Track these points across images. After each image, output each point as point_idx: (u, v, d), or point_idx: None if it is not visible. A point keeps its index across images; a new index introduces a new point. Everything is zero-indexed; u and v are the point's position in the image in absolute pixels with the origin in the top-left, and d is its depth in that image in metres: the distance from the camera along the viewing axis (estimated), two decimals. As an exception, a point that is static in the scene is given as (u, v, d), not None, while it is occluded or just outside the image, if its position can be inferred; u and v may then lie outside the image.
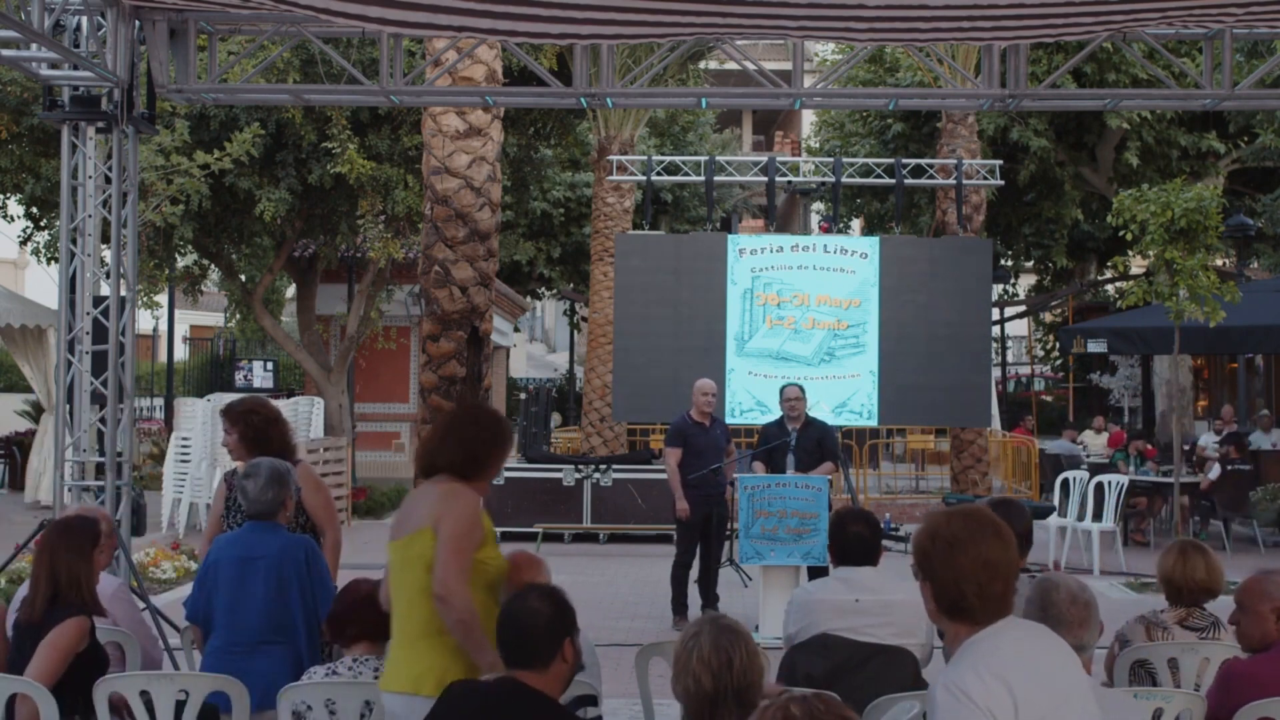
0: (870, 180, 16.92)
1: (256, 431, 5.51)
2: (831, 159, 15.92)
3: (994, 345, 25.83)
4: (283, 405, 16.09)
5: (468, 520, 3.85)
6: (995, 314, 27.93)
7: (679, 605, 9.60)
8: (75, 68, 7.23)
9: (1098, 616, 3.60)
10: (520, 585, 3.85)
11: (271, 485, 4.88)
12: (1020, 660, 2.76)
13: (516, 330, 32.20)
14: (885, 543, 6.10)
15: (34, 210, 16.93)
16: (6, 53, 7.21)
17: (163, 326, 25.97)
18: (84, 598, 4.59)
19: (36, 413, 18.23)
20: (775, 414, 10.19)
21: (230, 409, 5.60)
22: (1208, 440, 16.69)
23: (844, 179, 15.69)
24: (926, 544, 2.88)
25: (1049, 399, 34.43)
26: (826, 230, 18.05)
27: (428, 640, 3.85)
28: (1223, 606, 4.93)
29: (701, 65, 21.70)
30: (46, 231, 17.26)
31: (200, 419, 14.92)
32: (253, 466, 4.98)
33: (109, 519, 5.41)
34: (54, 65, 7.32)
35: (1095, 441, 18.88)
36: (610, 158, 17.87)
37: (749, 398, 14.43)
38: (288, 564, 4.82)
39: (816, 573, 8.38)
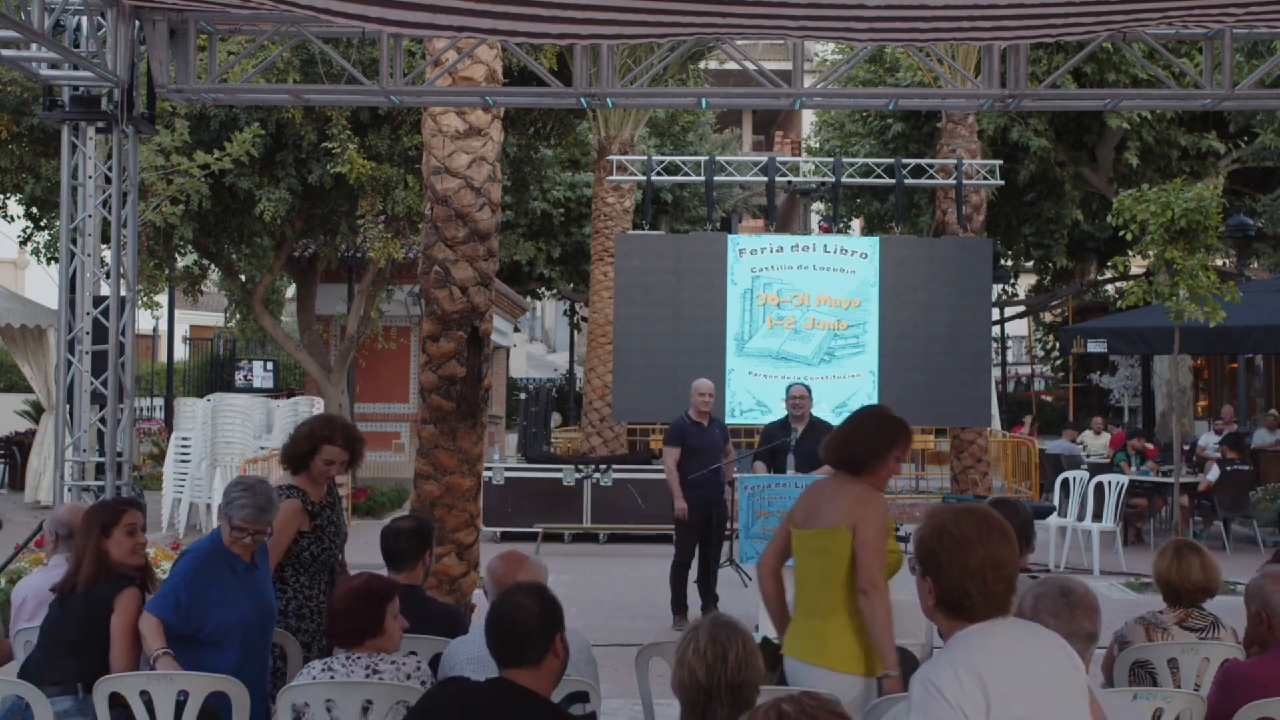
0: (870, 180, 16.92)
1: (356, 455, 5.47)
2: (831, 159, 15.92)
3: (994, 345, 25.83)
4: (283, 405, 16.18)
5: (881, 524, 4.31)
6: (995, 314, 27.93)
7: (678, 605, 9.61)
8: (75, 68, 7.22)
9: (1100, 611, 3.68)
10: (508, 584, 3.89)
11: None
12: (1006, 659, 2.75)
13: (516, 330, 32.18)
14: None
15: (34, 210, 16.92)
16: (6, 53, 7.20)
17: (163, 326, 25.97)
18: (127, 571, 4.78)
19: (36, 413, 18.23)
20: (775, 413, 10.18)
21: (348, 431, 5.46)
22: (1208, 440, 16.69)
23: (844, 179, 15.69)
24: (933, 541, 2.88)
25: (1049, 399, 34.43)
26: (826, 230, 18.05)
27: (834, 619, 4.30)
28: (1221, 606, 4.94)
29: (701, 65, 21.71)
30: (46, 231, 17.26)
31: (200, 419, 14.92)
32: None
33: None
34: (54, 65, 7.31)
35: (1095, 442, 18.88)
36: (610, 158, 17.87)
37: (749, 397, 14.43)
38: None
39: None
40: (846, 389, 14.50)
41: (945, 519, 2.90)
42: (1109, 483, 12.59)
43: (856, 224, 27.05)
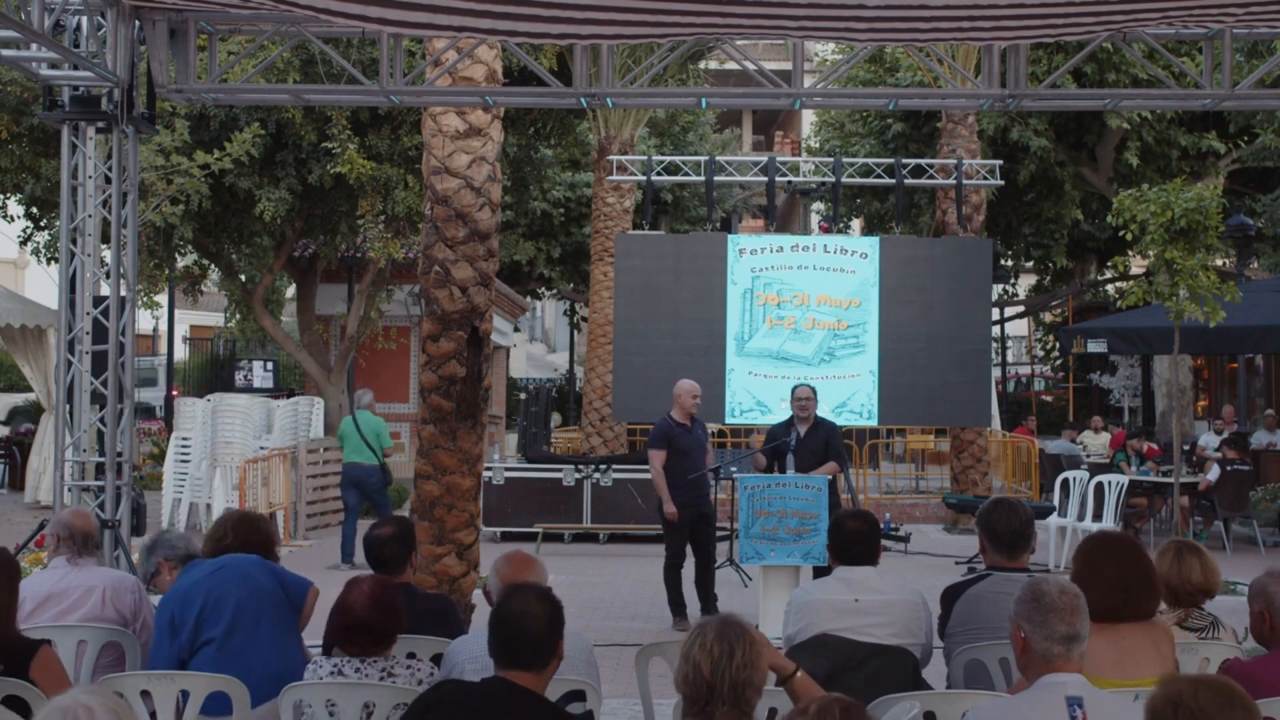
0: (870, 180, 16.91)
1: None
2: (831, 159, 15.91)
3: (994, 345, 25.83)
4: (283, 405, 16.17)
5: None
6: (995, 314, 27.92)
7: (676, 606, 9.59)
8: (75, 68, 7.23)
9: (1086, 608, 3.61)
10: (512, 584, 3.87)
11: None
12: None
13: (516, 330, 32.17)
14: (884, 542, 6.11)
15: (34, 210, 16.93)
16: (6, 53, 7.20)
17: (163, 326, 25.97)
18: (12, 630, 4.35)
19: (36, 413, 18.23)
20: (775, 413, 10.19)
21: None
22: (1208, 440, 16.68)
23: (844, 179, 15.68)
24: (1167, 712, 2.69)
25: (1049, 399, 34.42)
26: (826, 230, 18.05)
27: None
28: (1221, 606, 4.94)
29: (701, 65, 21.69)
30: (46, 231, 17.27)
31: (200, 419, 14.93)
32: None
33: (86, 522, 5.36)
34: (54, 65, 7.32)
35: (1094, 441, 18.87)
36: (610, 158, 17.86)
37: (749, 398, 14.42)
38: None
39: (821, 573, 8.38)
40: (846, 389, 14.50)
41: (1182, 688, 2.69)
42: (1109, 483, 12.58)
43: (856, 224, 27.04)
